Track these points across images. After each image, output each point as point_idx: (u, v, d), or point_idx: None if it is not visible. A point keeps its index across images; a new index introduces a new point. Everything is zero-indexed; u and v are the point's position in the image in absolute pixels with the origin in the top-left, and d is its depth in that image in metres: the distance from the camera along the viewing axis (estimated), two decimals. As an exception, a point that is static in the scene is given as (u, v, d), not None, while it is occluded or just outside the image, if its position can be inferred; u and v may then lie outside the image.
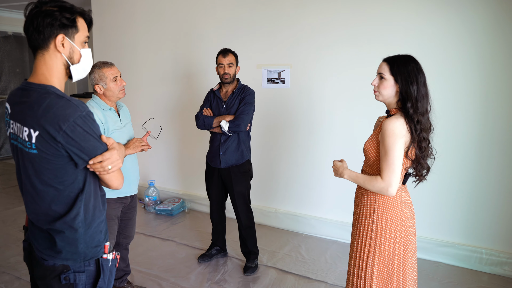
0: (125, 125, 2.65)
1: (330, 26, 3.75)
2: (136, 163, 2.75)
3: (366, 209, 1.99)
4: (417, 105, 1.84)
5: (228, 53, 3.20)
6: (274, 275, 3.29)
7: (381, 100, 1.97)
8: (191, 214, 4.64)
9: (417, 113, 1.84)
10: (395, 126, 1.83)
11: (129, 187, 2.67)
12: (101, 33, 5.28)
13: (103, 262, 1.52)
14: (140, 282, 3.14)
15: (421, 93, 1.85)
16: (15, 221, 4.32)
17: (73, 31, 1.42)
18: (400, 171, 1.85)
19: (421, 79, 1.86)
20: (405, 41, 3.44)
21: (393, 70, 1.89)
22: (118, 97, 2.59)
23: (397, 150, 1.82)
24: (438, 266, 3.45)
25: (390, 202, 1.95)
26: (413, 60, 1.90)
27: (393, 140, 1.82)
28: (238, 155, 3.22)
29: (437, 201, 3.50)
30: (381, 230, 1.94)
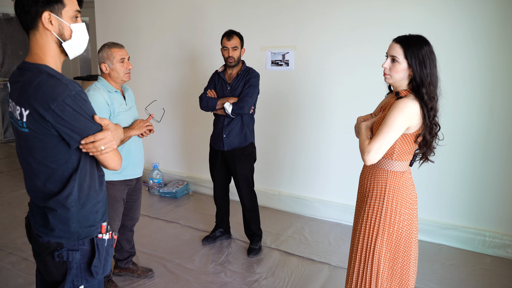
0: (130, 108, 2.65)
1: (335, 7, 3.69)
2: (141, 146, 2.75)
3: (376, 190, 1.95)
4: (430, 90, 1.80)
5: (233, 36, 3.15)
6: (277, 257, 3.32)
7: (390, 83, 1.92)
8: (195, 196, 4.67)
9: (431, 99, 1.79)
10: (407, 105, 1.78)
11: (134, 170, 2.68)
12: (103, 15, 5.23)
13: (98, 242, 1.53)
14: (145, 263, 3.18)
15: (434, 77, 1.81)
16: (21, 203, 4.36)
17: (59, 7, 1.39)
18: (387, 147, 1.81)
19: (434, 63, 1.81)
20: (412, 23, 3.38)
21: (407, 54, 1.81)
22: (123, 80, 2.58)
23: (396, 125, 1.78)
24: (441, 248, 3.47)
25: (401, 184, 1.92)
26: (426, 42, 1.83)
27: (397, 115, 1.78)
28: (241, 138, 3.22)
29: (440, 183, 3.50)
30: (391, 211, 1.91)
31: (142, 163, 2.78)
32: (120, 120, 2.53)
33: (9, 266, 3.10)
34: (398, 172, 1.93)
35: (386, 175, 1.93)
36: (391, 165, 1.93)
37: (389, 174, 1.93)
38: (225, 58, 3.18)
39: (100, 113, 2.42)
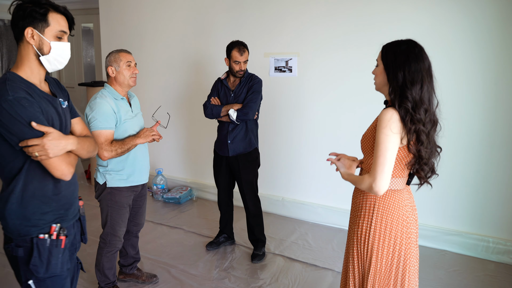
0: (136, 115, 2.68)
1: (338, 13, 3.72)
2: (146, 153, 2.78)
3: (364, 211, 1.78)
4: (403, 92, 1.62)
5: (245, 50, 3.17)
6: (281, 263, 3.33)
7: (376, 89, 1.81)
8: (199, 202, 4.69)
9: (401, 98, 1.62)
10: (388, 116, 1.62)
11: (140, 176, 2.70)
12: (108, 22, 5.28)
13: (38, 242, 1.60)
14: (150, 269, 3.19)
15: (410, 79, 1.62)
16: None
17: (43, 25, 1.56)
18: (391, 168, 1.64)
19: (410, 66, 1.62)
20: (416, 27, 3.40)
21: (383, 55, 1.72)
22: (129, 84, 2.60)
23: (389, 143, 1.62)
24: (444, 254, 3.47)
25: (392, 204, 1.74)
26: (407, 43, 1.68)
27: (385, 132, 1.62)
28: (246, 143, 3.24)
29: (444, 189, 3.50)
30: (380, 235, 1.73)
31: (148, 169, 2.81)
32: (126, 128, 2.56)
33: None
34: (390, 190, 1.76)
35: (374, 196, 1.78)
36: None
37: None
38: (234, 71, 3.19)
39: (107, 121, 2.45)
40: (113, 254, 2.72)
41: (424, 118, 1.65)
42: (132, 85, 2.61)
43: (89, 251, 3.39)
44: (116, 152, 2.47)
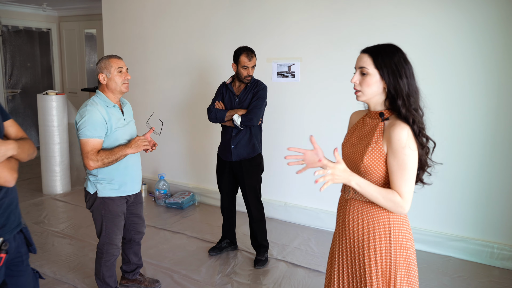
0: (128, 123, 2.61)
1: (341, 19, 3.73)
2: (138, 162, 2.71)
3: (379, 231, 1.61)
4: (409, 101, 1.54)
5: (253, 56, 3.19)
6: (284, 268, 3.31)
7: (363, 100, 1.65)
8: (201, 207, 4.67)
9: (411, 112, 1.54)
10: (405, 134, 1.51)
11: (132, 186, 2.64)
12: (111, 26, 5.30)
13: None
14: (152, 274, 3.18)
15: (413, 87, 1.57)
16: (29, 214, 4.38)
17: None
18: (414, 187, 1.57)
19: (409, 71, 1.57)
20: (419, 31, 3.41)
21: (378, 63, 1.57)
22: (121, 91, 2.52)
23: (414, 164, 1.53)
24: (448, 260, 3.45)
25: (404, 219, 1.64)
26: (398, 49, 1.60)
27: (407, 152, 1.51)
28: (249, 148, 3.24)
29: (448, 194, 3.49)
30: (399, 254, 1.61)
31: (140, 178, 2.76)
32: (117, 136, 2.49)
33: (16, 276, 3.10)
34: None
35: (388, 217, 1.62)
36: None
37: (391, 215, 1.63)
38: (242, 76, 3.19)
39: (96, 129, 2.39)
40: (112, 263, 2.69)
41: (423, 123, 1.59)
42: (124, 91, 2.54)
43: (91, 256, 3.38)
44: (103, 162, 2.39)
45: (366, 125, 1.69)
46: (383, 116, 1.61)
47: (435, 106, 3.43)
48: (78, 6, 7.07)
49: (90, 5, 6.84)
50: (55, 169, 5.00)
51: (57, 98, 4.91)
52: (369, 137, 1.63)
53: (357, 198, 1.66)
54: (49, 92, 4.94)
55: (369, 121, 1.69)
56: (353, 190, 1.66)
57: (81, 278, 3.11)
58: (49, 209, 4.56)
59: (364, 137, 1.67)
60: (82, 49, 7.55)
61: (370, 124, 1.67)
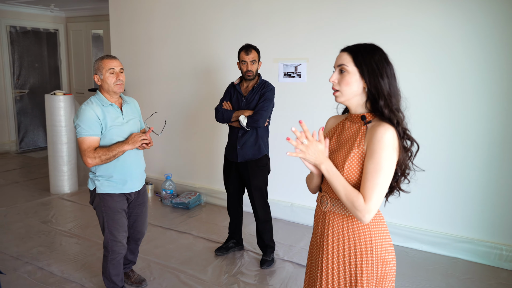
0: (127, 121, 2.62)
1: (347, 19, 3.72)
2: (139, 160, 2.71)
3: (360, 248, 1.51)
4: (391, 102, 1.46)
5: (251, 50, 3.18)
6: (290, 269, 3.31)
7: (342, 102, 1.55)
8: (207, 207, 4.68)
9: (394, 112, 1.45)
10: (390, 136, 1.41)
11: (131, 184, 2.64)
12: (118, 28, 5.33)
13: None
14: (158, 274, 3.19)
15: (394, 88, 1.48)
16: (37, 213, 4.41)
17: None
18: (384, 194, 1.46)
19: (391, 71, 1.49)
20: (426, 32, 3.39)
21: (357, 61, 1.49)
22: (114, 91, 2.53)
23: (390, 168, 1.43)
24: (456, 262, 3.43)
25: (384, 231, 1.54)
26: (378, 49, 1.54)
27: (387, 155, 1.41)
28: (255, 150, 3.24)
29: (455, 195, 3.47)
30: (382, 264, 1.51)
31: (142, 177, 2.75)
32: (112, 134, 2.51)
33: (25, 275, 3.13)
34: (376, 215, 1.54)
35: (368, 225, 1.52)
36: None
37: (371, 222, 1.52)
38: (243, 72, 3.21)
39: (90, 128, 2.43)
40: (118, 261, 2.71)
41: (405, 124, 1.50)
42: (117, 92, 2.54)
43: (98, 256, 3.40)
44: (101, 159, 2.43)
45: (346, 130, 1.59)
46: (365, 119, 1.51)
47: (440, 106, 3.42)
48: (85, 7, 7.11)
49: (97, 6, 6.88)
50: (62, 168, 5.04)
51: (65, 98, 4.94)
52: (350, 142, 1.52)
53: (335, 211, 1.55)
54: (57, 92, 4.97)
55: (349, 125, 1.58)
56: (331, 202, 1.56)
57: (89, 277, 3.13)
58: (57, 209, 4.59)
59: (344, 142, 1.56)
60: (89, 50, 7.59)
61: (351, 129, 1.56)
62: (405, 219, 3.67)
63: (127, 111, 2.66)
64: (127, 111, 2.66)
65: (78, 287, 3.00)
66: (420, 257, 3.50)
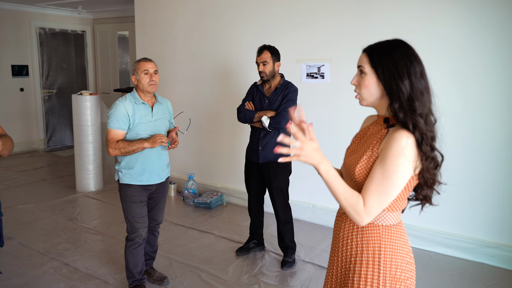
0: (156, 120, 2.78)
1: (370, 19, 3.68)
2: (161, 157, 2.84)
3: (367, 254, 1.41)
4: (412, 106, 1.31)
5: (263, 51, 3.19)
6: (311, 271, 3.29)
7: (365, 105, 1.45)
8: (229, 207, 4.71)
9: (411, 117, 1.30)
10: (403, 142, 1.29)
11: (151, 177, 2.79)
12: (143, 29, 5.41)
13: None
14: (180, 272, 3.22)
15: (418, 89, 1.32)
16: (63, 210, 4.53)
17: None
18: (388, 203, 1.35)
19: (415, 70, 1.34)
20: (450, 31, 3.32)
21: (373, 61, 1.37)
22: (147, 91, 2.72)
23: (400, 178, 1.31)
24: (482, 267, 3.34)
25: (398, 241, 1.42)
26: (400, 45, 1.39)
27: (399, 161, 1.29)
28: (277, 151, 3.23)
29: (482, 199, 3.38)
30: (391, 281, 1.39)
31: (163, 171, 2.88)
32: (139, 130, 2.69)
33: (51, 270, 3.21)
34: (393, 226, 1.43)
35: (379, 232, 1.41)
36: (384, 218, 1.41)
37: (382, 230, 1.41)
38: (259, 73, 3.23)
39: (118, 121, 2.65)
40: (135, 249, 2.82)
41: (435, 134, 1.35)
42: (150, 91, 2.73)
43: (121, 253, 3.46)
44: (120, 151, 2.63)
45: (369, 131, 1.50)
46: (388, 123, 1.41)
47: (456, 108, 3.34)
48: (112, 8, 7.25)
49: (123, 8, 7.01)
50: (88, 167, 5.15)
51: (91, 98, 5.05)
52: (366, 145, 1.44)
53: None
54: (83, 92, 5.09)
55: (373, 127, 1.50)
56: None
57: (112, 274, 3.19)
58: (82, 206, 4.70)
59: (363, 144, 1.48)
60: (115, 51, 7.74)
61: (373, 130, 1.48)
62: (429, 222, 3.61)
63: (157, 110, 2.81)
64: (158, 111, 2.82)
65: (102, 283, 3.06)
66: (444, 262, 3.43)
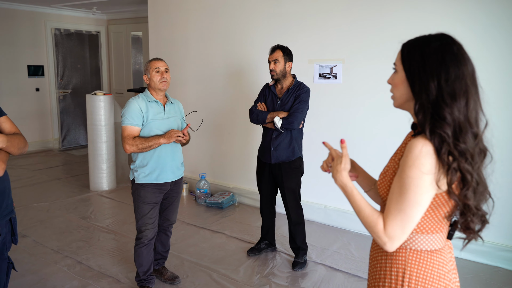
0: (168, 118, 2.82)
1: (384, 19, 3.65)
2: (175, 154, 2.86)
3: (390, 278, 1.26)
4: (438, 111, 1.12)
5: (276, 50, 3.20)
6: (323, 272, 3.28)
7: (397, 106, 1.29)
8: (241, 207, 4.71)
9: (441, 125, 1.11)
10: (417, 150, 1.13)
11: (164, 174, 2.80)
12: (156, 30, 5.45)
13: None
14: (192, 272, 3.24)
15: (450, 91, 1.12)
16: (76, 209, 4.58)
17: None
18: (414, 223, 1.16)
19: (448, 69, 1.12)
20: (466, 30, 3.28)
21: (404, 57, 1.21)
22: (159, 88, 2.78)
23: (419, 193, 1.13)
24: (497, 271, 3.29)
25: (431, 272, 1.22)
26: (440, 38, 1.18)
27: (413, 173, 1.13)
28: (289, 152, 3.22)
29: (497, 202, 3.32)
30: None
31: (178, 169, 2.90)
32: (152, 127, 2.74)
33: (65, 268, 3.25)
34: (427, 252, 1.23)
35: (404, 256, 1.24)
36: (413, 241, 1.24)
37: (410, 254, 1.24)
38: (269, 71, 3.23)
39: (133, 118, 2.69)
40: (140, 249, 2.85)
41: (472, 147, 1.13)
42: (162, 89, 2.78)
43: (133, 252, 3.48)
44: (137, 147, 2.65)
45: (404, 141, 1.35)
46: (415, 129, 1.26)
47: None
48: (126, 9, 7.32)
49: (137, 9, 7.07)
50: (101, 166, 5.20)
51: (105, 98, 5.10)
52: (394, 153, 1.33)
53: None
54: (97, 92, 5.14)
55: (408, 135, 1.33)
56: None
57: (125, 272, 3.22)
58: (96, 205, 4.75)
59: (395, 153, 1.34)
60: (129, 51, 7.80)
61: (405, 140, 1.33)
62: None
63: (169, 109, 2.86)
64: (170, 110, 2.86)
65: (114, 282, 3.09)
66: (458, 265, 3.37)
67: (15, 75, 7.02)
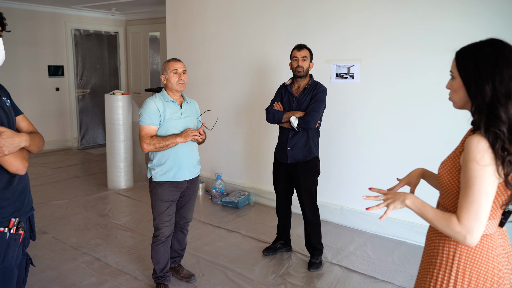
0: (185, 117, 2.85)
1: (402, 18, 3.61)
2: (192, 152, 2.89)
3: (441, 258, 1.41)
4: (493, 110, 1.26)
5: (303, 48, 3.22)
6: (339, 273, 3.26)
7: (457, 108, 1.43)
8: (256, 207, 4.72)
9: (496, 123, 1.24)
10: (474, 146, 1.26)
11: (181, 173, 2.83)
12: (174, 30, 5.50)
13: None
14: (207, 270, 3.26)
15: (504, 92, 1.25)
16: (95, 207, 4.65)
17: None
18: (487, 212, 1.26)
19: (502, 72, 1.25)
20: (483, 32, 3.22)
21: (459, 64, 1.34)
22: (176, 89, 2.80)
23: (485, 183, 1.24)
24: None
25: (480, 254, 1.35)
26: (491, 44, 1.30)
27: (479, 168, 1.25)
28: (305, 151, 3.22)
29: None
30: None
31: (194, 168, 2.92)
32: (169, 126, 2.77)
33: (83, 265, 3.31)
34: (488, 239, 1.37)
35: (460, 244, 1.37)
36: None
37: None
38: (294, 69, 3.22)
39: (150, 117, 2.73)
40: (157, 246, 2.88)
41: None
42: (179, 90, 2.81)
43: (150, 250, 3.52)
44: (155, 146, 2.69)
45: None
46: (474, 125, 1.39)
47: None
48: (144, 10, 7.40)
49: (155, 9, 7.14)
50: (119, 165, 5.27)
51: (123, 98, 5.17)
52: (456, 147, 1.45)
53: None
54: (116, 92, 5.21)
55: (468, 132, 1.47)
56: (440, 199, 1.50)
57: (142, 270, 3.26)
58: (113, 203, 4.81)
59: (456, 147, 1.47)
60: (146, 51, 7.89)
61: (466, 134, 1.46)
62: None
63: (186, 109, 2.89)
64: (186, 109, 2.89)
65: (131, 279, 3.13)
66: None
67: (36, 75, 7.16)
